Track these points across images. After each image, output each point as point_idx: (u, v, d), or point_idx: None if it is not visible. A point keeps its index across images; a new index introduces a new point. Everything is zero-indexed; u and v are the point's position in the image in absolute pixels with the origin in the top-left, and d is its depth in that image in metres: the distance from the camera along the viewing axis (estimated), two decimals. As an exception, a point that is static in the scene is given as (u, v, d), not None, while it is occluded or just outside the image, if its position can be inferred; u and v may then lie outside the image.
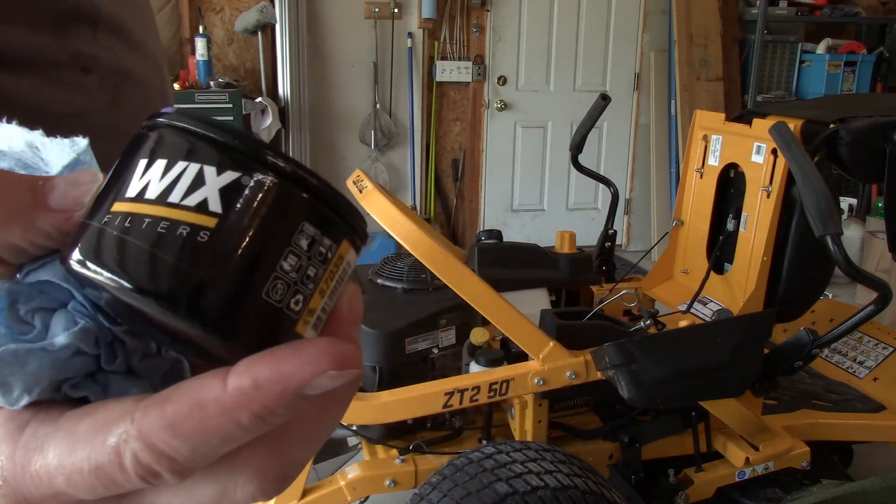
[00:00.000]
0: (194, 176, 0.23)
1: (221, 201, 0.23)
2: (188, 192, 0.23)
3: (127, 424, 0.23)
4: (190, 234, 0.22)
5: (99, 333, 0.25)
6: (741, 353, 1.58)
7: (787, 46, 5.00)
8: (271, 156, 0.24)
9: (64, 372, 0.25)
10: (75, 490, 0.24)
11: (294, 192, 0.24)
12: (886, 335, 2.21)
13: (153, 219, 0.23)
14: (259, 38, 4.18)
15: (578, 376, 1.70)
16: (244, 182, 0.23)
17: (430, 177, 4.78)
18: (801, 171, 1.59)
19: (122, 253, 0.23)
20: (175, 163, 0.23)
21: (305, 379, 0.23)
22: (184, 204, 0.23)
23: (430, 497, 1.47)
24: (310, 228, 0.24)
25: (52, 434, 0.25)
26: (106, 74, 0.49)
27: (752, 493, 1.84)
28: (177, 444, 0.23)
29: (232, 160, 0.23)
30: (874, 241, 3.97)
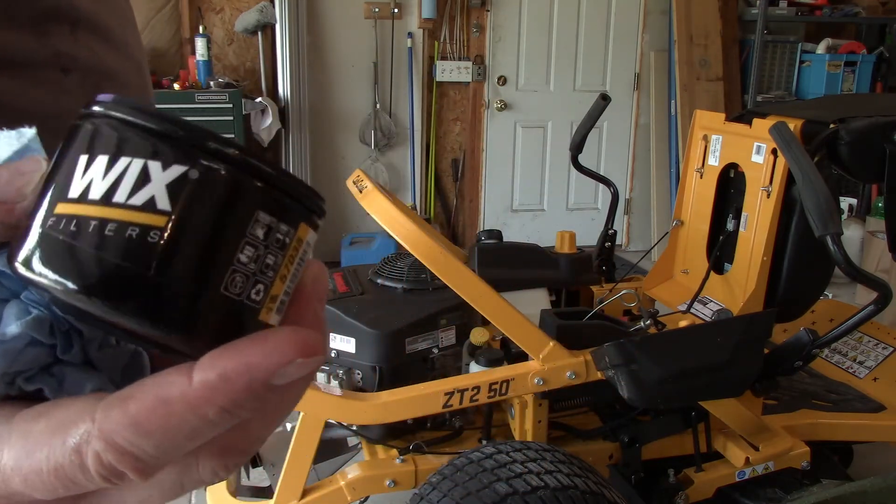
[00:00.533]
0: (139, 172, 0.21)
1: (169, 198, 0.21)
2: (133, 190, 0.21)
3: (88, 424, 0.23)
4: (139, 234, 0.21)
5: (54, 322, 0.25)
6: (741, 353, 1.58)
7: (787, 46, 5.00)
8: (218, 145, 0.22)
9: (17, 363, 0.24)
10: (32, 490, 0.24)
11: (245, 181, 0.22)
12: (886, 335, 2.21)
13: (99, 221, 0.21)
14: (259, 38, 4.18)
15: (578, 376, 1.70)
16: (191, 176, 0.22)
17: (430, 177, 4.78)
18: (801, 171, 1.59)
19: (70, 258, 0.22)
20: (117, 159, 0.22)
21: (272, 369, 0.22)
22: (130, 203, 0.21)
23: (430, 497, 1.47)
24: (265, 217, 0.23)
25: (5, 435, 0.24)
26: (86, 74, 0.49)
27: (752, 493, 1.84)
28: (141, 442, 0.22)
29: (177, 153, 0.22)
30: (874, 241, 3.97)
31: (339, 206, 4.41)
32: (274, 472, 1.89)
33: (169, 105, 3.73)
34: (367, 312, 1.92)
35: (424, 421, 1.89)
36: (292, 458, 1.70)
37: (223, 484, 1.84)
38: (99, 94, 0.47)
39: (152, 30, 4.06)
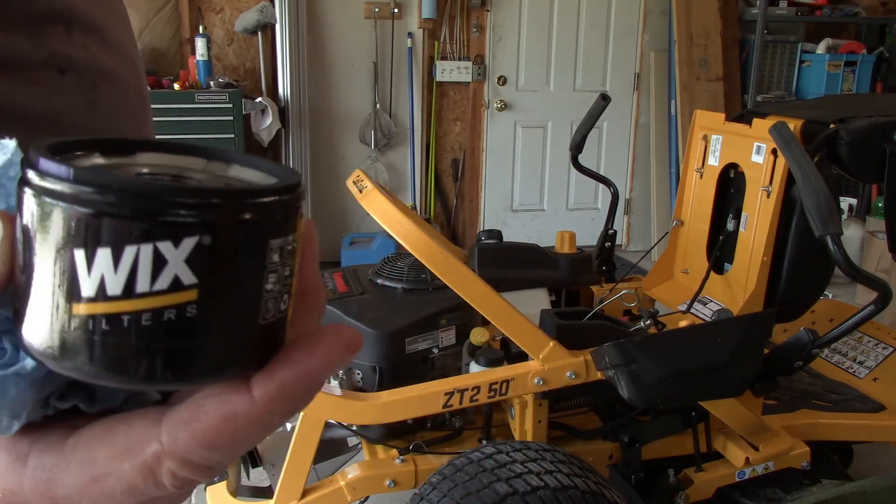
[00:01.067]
0: (152, 257, 0.21)
1: (192, 271, 0.21)
2: (154, 275, 0.21)
3: (156, 447, 0.24)
4: (178, 314, 0.22)
5: None
6: (741, 353, 1.58)
7: (787, 46, 5.00)
8: (214, 201, 0.21)
9: (45, 389, 0.24)
10: None
11: (253, 223, 0.22)
12: (886, 335, 2.21)
13: (132, 315, 0.21)
14: (259, 38, 4.18)
15: (578, 376, 1.70)
16: (205, 242, 0.21)
17: (430, 177, 4.78)
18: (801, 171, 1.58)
19: (114, 355, 0.22)
20: (122, 248, 0.21)
21: (327, 371, 0.25)
22: (157, 290, 0.21)
23: (430, 497, 1.47)
24: (275, 242, 0.23)
25: (62, 465, 0.25)
26: (82, 75, 0.49)
27: (752, 493, 1.84)
28: (213, 456, 0.24)
29: (181, 226, 0.21)
30: (874, 241, 3.97)
31: (339, 206, 4.41)
32: (274, 472, 1.89)
33: (169, 105, 3.73)
34: (367, 312, 1.92)
35: (424, 421, 1.89)
36: (292, 458, 1.70)
37: (223, 484, 1.84)
38: (95, 93, 0.46)
39: (152, 30, 4.06)
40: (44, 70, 0.47)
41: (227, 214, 0.22)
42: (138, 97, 0.58)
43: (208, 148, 0.27)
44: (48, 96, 0.47)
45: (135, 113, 0.57)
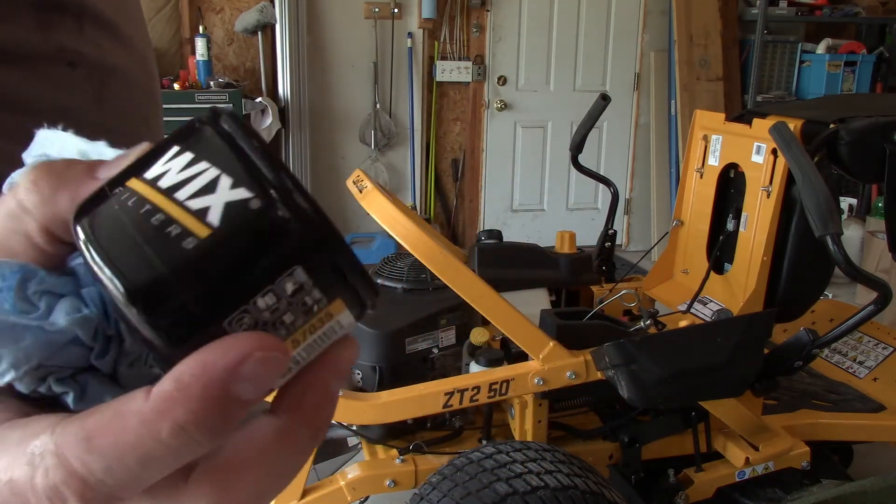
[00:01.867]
0: (208, 181, 0.22)
1: (222, 215, 0.22)
2: (196, 194, 0.22)
3: (46, 437, 0.21)
4: (178, 235, 0.22)
5: (100, 326, 0.24)
6: (741, 353, 1.58)
7: (787, 46, 5.00)
8: (291, 188, 0.22)
9: (55, 358, 0.24)
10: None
11: (298, 234, 0.22)
12: (886, 335, 2.21)
13: (152, 207, 0.22)
14: (259, 38, 4.18)
15: (578, 376, 1.70)
16: (252, 205, 0.22)
17: (430, 177, 4.78)
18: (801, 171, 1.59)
19: (111, 228, 0.22)
20: (198, 161, 0.22)
21: (228, 366, 0.20)
22: (186, 204, 0.22)
23: (430, 497, 1.47)
24: (301, 275, 0.22)
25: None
26: (92, 70, 0.49)
27: (752, 493, 1.84)
28: (89, 460, 0.20)
29: (251, 179, 0.22)
30: (874, 241, 3.97)
31: (339, 206, 4.41)
32: (274, 472, 1.89)
33: (169, 105, 3.73)
34: (367, 312, 1.91)
35: (424, 421, 1.89)
36: (292, 458, 1.70)
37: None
38: (104, 89, 0.47)
39: (152, 30, 4.06)
40: (53, 64, 0.46)
41: (291, 207, 0.22)
42: (149, 95, 0.58)
43: None
44: (57, 91, 0.47)
45: (143, 110, 0.56)
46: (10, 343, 0.23)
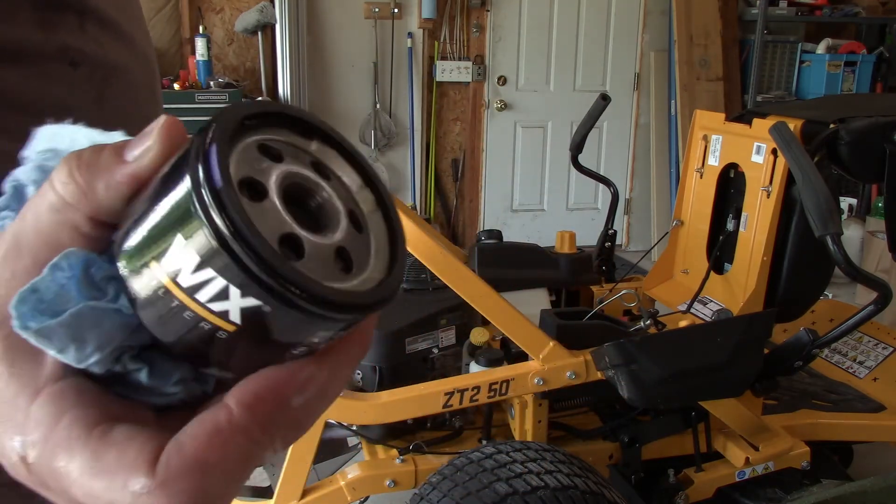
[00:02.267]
0: (220, 289, 0.24)
1: (241, 317, 0.24)
2: (214, 298, 0.24)
3: (149, 476, 0.24)
4: (211, 329, 0.25)
5: None
6: (741, 353, 1.58)
7: (787, 46, 5.00)
8: (295, 291, 0.23)
9: (131, 339, 0.26)
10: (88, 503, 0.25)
11: (311, 317, 0.24)
12: (886, 335, 2.21)
13: (181, 304, 0.24)
14: (259, 38, 4.18)
15: (578, 376, 1.70)
16: (264, 310, 0.24)
17: (430, 177, 4.78)
18: (801, 171, 1.58)
19: (152, 303, 0.25)
20: (205, 266, 0.23)
21: (294, 382, 0.25)
22: (209, 307, 0.24)
23: (430, 497, 1.47)
24: (323, 334, 0.26)
25: (81, 443, 0.24)
26: (94, 68, 0.49)
27: (752, 493, 1.84)
28: (205, 483, 0.24)
29: (256, 287, 0.23)
30: (874, 241, 3.97)
31: (339, 206, 4.40)
32: (274, 472, 1.89)
33: (169, 105, 3.73)
34: (367, 312, 1.91)
35: (424, 421, 1.89)
36: (292, 458, 1.70)
37: (223, 484, 1.83)
38: (106, 88, 0.47)
39: (152, 29, 4.06)
40: (55, 62, 0.46)
41: (300, 308, 0.24)
42: (151, 94, 0.57)
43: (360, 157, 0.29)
44: (59, 89, 0.47)
45: (145, 110, 0.56)
46: (92, 328, 0.25)
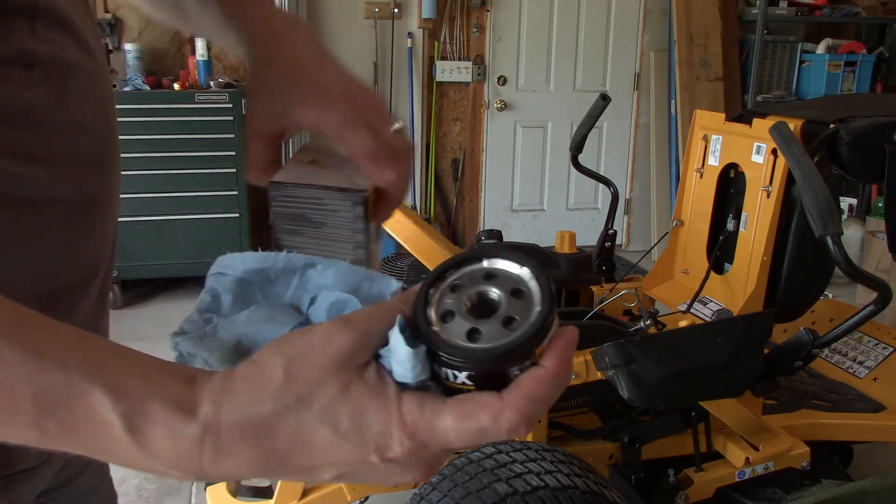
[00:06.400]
0: (453, 372, 0.40)
1: (470, 380, 0.40)
2: (454, 376, 0.40)
3: (499, 403, 0.38)
4: (463, 388, 0.41)
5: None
6: (741, 353, 1.58)
7: (787, 46, 5.00)
8: (478, 363, 0.39)
9: (426, 371, 0.41)
10: (460, 443, 0.39)
11: (486, 366, 0.40)
12: (886, 335, 2.21)
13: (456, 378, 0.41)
14: (259, 38, 4.17)
15: (578, 376, 1.70)
16: (478, 376, 0.40)
17: (430, 177, 4.78)
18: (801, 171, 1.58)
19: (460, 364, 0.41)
20: (455, 368, 0.40)
21: (573, 346, 0.41)
22: (456, 381, 0.40)
23: (430, 497, 1.47)
24: (522, 363, 0.40)
25: (444, 408, 0.39)
26: (49, 68, 0.49)
27: (752, 493, 1.84)
28: (533, 408, 0.39)
29: (471, 370, 0.40)
30: (874, 241, 3.97)
31: (339, 206, 4.40)
32: (274, 472, 1.88)
33: (169, 105, 3.74)
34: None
35: (424, 421, 1.88)
36: (292, 458, 1.70)
37: (223, 484, 1.84)
38: (64, 85, 0.51)
39: (152, 30, 4.07)
40: (11, 67, 0.47)
41: (499, 372, 0.40)
42: (104, 84, 0.58)
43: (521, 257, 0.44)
44: (18, 92, 0.47)
45: (102, 101, 0.57)
46: (426, 361, 0.41)
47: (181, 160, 3.78)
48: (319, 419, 0.38)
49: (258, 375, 0.38)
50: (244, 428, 0.37)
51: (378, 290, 0.49)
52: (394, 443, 0.38)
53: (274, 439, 0.38)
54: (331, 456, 0.39)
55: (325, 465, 0.39)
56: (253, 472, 0.39)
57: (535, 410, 0.39)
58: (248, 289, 0.48)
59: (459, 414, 0.38)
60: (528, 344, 0.39)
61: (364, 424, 0.38)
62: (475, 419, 0.38)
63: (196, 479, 0.39)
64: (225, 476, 0.39)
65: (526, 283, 0.42)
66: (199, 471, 0.38)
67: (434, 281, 0.44)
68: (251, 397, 0.38)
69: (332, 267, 0.48)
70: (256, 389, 0.38)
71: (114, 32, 3.95)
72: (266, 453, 0.38)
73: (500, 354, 0.39)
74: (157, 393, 0.37)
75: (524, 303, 0.41)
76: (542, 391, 0.39)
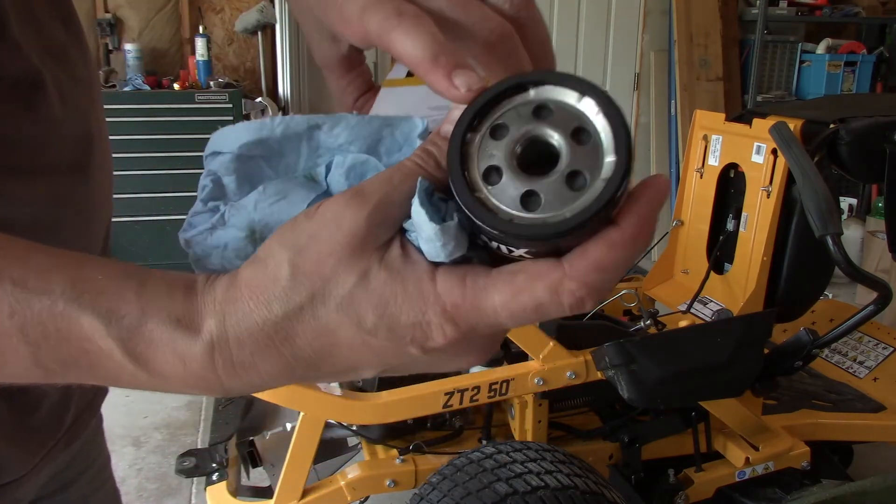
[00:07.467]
0: (507, 247, 0.34)
1: (528, 255, 0.34)
2: (508, 250, 0.34)
3: (560, 271, 0.32)
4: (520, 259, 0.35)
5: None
6: (741, 354, 1.58)
7: (787, 46, 5.00)
8: (526, 239, 0.33)
9: (465, 240, 0.34)
10: (514, 323, 0.34)
11: (540, 241, 0.33)
12: (886, 335, 2.21)
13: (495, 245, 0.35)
14: (259, 38, 4.18)
15: (578, 376, 1.70)
16: (539, 252, 0.34)
17: (430, 177, 4.78)
18: (801, 171, 1.59)
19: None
20: (495, 241, 0.34)
21: (662, 198, 0.33)
22: (510, 254, 0.35)
23: (430, 497, 1.47)
24: (578, 233, 0.32)
25: (491, 284, 0.33)
26: (16, 80, 0.48)
27: (752, 493, 1.84)
28: (603, 278, 0.32)
29: (530, 247, 0.33)
30: (874, 241, 3.97)
31: (339, 206, 4.40)
32: (274, 472, 1.89)
33: (169, 105, 3.74)
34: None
35: (424, 421, 1.89)
36: (292, 458, 1.70)
37: (223, 484, 1.84)
38: (35, 94, 0.49)
39: (152, 30, 4.06)
40: None
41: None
42: (86, 90, 0.56)
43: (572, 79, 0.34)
44: None
45: (81, 106, 0.56)
46: (462, 232, 0.34)
47: (181, 160, 3.78)
48: (340, 316, 0.33)
49: (263, 275, 0.34)
50: (255, 337, 0.33)
51: (402, 136, 0.39)
52: (434, 332, 0.34)
53: (294, 344, 0.34)
54: (363, 355, 0.35)
55: (361, 365, 0.35)
56: (282, 380, 0.35)
57: (606, 281, 0.32)
58: (252, 165, 0.42)
59: (511, 290, 0.33)
60: (603, 212, 0.31)
61: (393, 316, 0.33)
62: (530, 294, 0.32)
63: (223, 395, 0.36)
64: (252, 388, 0.35)
65: (590, 120, 0.33)
66: (219, 387, 0.35)
67: (471, 122, 0.34)
68: (257, 302, 0.33)
69: (341, 123, 0.40)
70: (262, 292, 0.34)
71: (114, 32, 3.95)
72: (289, 360, 0.34)
73: (566, 230, 0.31)
74: (153, 311, 0.33)
75: (591, 149, 0.32)
76: (615, 258, 0.32)
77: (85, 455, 0.68)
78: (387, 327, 0.33)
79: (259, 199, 0.39)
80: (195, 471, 1.88)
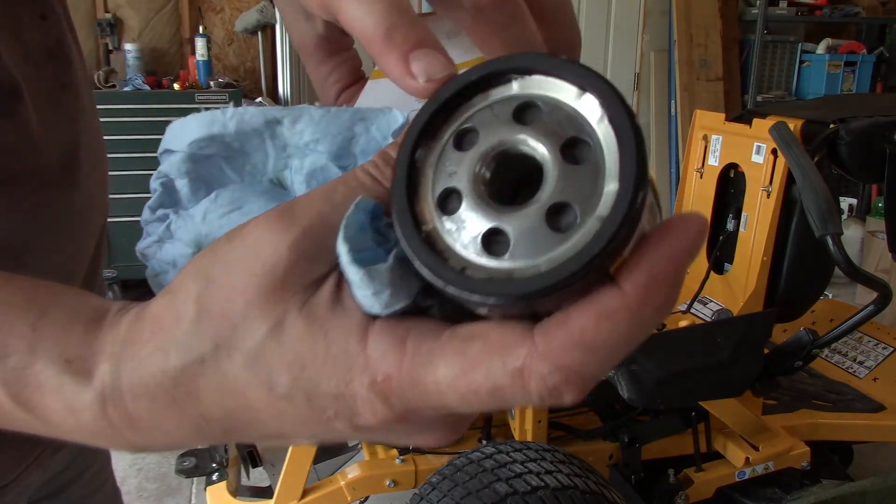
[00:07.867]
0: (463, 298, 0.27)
1: (489, 313, 0.26)
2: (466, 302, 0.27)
3: (528, 346, 0.23)
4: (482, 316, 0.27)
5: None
6: (741, 354, 1.58)
7: (787, 46, 5.00)
8: (487, 300, 0.24)
9: (418, 282, 0.26)
10: (465, 407, 0.25)
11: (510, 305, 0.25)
12: (886, 335, 2.21)
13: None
14: (259, 38, 4.18)
15: (578, 376, 1.70)
16: (502, 312, 0.25)
17: (430, 177, 4.78)
18: (801, 171, 1.59)
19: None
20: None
21: (689, 252, 0.23)
22: (474, 302, 0.27)
23: (430, 497, 1.47)
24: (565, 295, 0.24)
25: (437, 351, 0.25)
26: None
27: (752, 493, 1.84)
28: (588, 360, 0.23)
29: (490, 305, 0.25)
30: (874, 241, 3.97)
31: (339, 206, 4.40)
32: (274, 472, 1.89)
33: (169, 105, 3.74)
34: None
35: (424, 421, 1.89)
36: (292, 458, 1.70)
37: (223, 484, 1.84)
38: (17, 104, 0.45)
39: (152, 30, 4.06)
40: None
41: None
42: (75, 96, 0.55)
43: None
44: None
45: (68, 113, 0.54)
46: (404, 274, 0.26)
47: (181, 160, 3.78)
48: (248, 375, 0.26)
49: (168, 312, 0.27)
50: (151, 391, 0.27)
51: (379, 133, 0.31)
52: (360, 407, 0.26)
53: (200, 402, 0.27)
54: (280, 423, 0.27)
55: (285, 433, 0.28)
56: (193, 441, 0.29)
57: (593, 364, 0.23)
58: (210, 166, 0.34)
59: (461, 364, 0.24)
60: (595, 265, 0.22)
61: (311, 381, 0.26)
62: (486, 372, 0.24)
63: (134, 451, 0.29)
64: (167, 447, 0.29)
65: (590, 127, 0.23)
66: (124, 443, 0.28)
67: (427, 125, 0.25)
68: (156, 346, 0.27)
69: (303, 117, 0.33)
70: (163, 334, 0.27)
71: (114, 32, 3.95)
72: (196, 420, 0.27)
73: (537, 291, 0.22)
74: (43, 350, 0.27)
75: (587, 171, 0.23)
76: (608, 333, 0.23)
77: (84, 455, 0.68)
78: (304, 395, 0.26)
79: (209, 208, 0.33)
80: (195, 471, 1.88)
